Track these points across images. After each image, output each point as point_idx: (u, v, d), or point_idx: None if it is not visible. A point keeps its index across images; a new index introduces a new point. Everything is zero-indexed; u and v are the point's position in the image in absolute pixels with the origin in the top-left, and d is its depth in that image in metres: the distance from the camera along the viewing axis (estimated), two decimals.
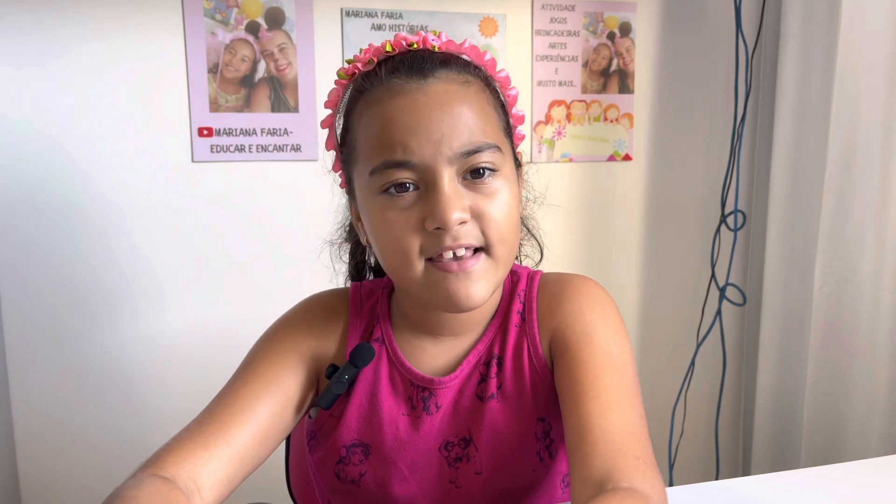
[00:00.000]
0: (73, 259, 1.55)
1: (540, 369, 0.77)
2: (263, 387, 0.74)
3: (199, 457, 0.67)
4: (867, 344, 1.74)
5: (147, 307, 1.61)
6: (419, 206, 0.67)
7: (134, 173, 1.57)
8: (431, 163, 0.66)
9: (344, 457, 0.78)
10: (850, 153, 1.70)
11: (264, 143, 1.64)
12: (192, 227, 1.62)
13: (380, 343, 0.79)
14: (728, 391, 2.07)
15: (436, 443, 0.77)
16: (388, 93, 0.68)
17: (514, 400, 0.77)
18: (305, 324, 0.80)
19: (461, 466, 0.77)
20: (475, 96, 0.69)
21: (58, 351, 1.57)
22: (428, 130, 0.66)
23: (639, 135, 1.95)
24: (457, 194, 0.67)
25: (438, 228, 0.66)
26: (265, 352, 0.77)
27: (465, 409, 0.77)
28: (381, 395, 0.78)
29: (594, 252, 1.96)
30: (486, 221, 0.68)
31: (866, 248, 1.72)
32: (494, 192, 0.68)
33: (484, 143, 0.68)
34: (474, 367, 0.78)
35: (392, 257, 0.70)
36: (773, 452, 1.95)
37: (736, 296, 1.97)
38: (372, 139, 0.68)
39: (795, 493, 0.77)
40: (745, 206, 2.01)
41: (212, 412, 0.72)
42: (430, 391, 0.77)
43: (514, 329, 0.78)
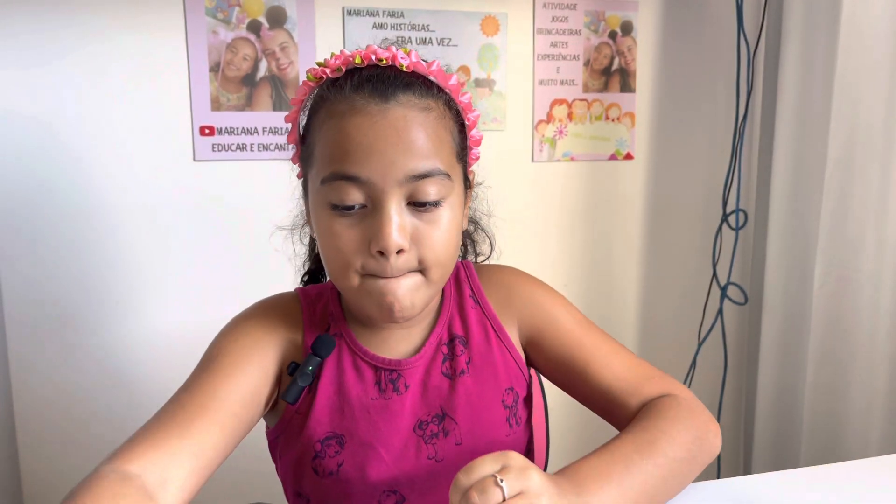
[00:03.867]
0: (74, 257, 1.55)
1: (507, 346, 0.86)
2: (229, 380, 0.75)
3: (166, 451, 0.68)
4: (867, 343, 1.74)
5: (149, 306, 1.61)
6: (365, 226, 0.71)
7: (135, 172, 1.57)
8: (381, 183, 0.69)
9: (319, 451, 0.79)
10: (851, 153, 1.70)
11: (266, 142, 1.64)
12: (194, 226, 1.62)
13: (338, 337, 0.82)
14: (729, 390, 2.07)
15: (409, 422, 0.80)
16: (350, 109, 0.70)
17: (484, 373, 0.84)
18: (266, 321, 0.81)
19: (438, 442, 0.81)
20: (432, 123, 0.72)
21: (60, 348, 1.57)
22: (381, 152, 0.69)
23: (640, 134, 1.95)
24: (401, 218, 0.71)
25: (380, 252, 0.70)
26: (228, 346, 0.78)
27: (435, 388, 0.82)
28: (347, 385, 0.80)
29: (595, 251, 1.96)
30: (425, 247, 0.72)
31: (867, 247, 1.72)
32: (437, 220, 0.73)
33: (433, 170, 0.71)
34: (436, 348, 0.83)
35: (333, 266, 0.74)
36: (773, 451, 1.95)
37: (737, 295, 1.97)
38: (328, 149, 0.71)
39: (796, 492, 0.77)
40: (746, 205, 2.01)
41: (179, 404, 0.73)
42: (397, 372, 0.81)
43: (472, 311, 0.86)
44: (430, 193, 0.71)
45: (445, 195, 0.73)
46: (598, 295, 1.98)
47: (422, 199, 0.71)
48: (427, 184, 0.71)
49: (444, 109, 0.75)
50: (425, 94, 0.73)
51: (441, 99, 0.75)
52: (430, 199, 0.71)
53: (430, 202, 0.72)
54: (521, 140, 1.84)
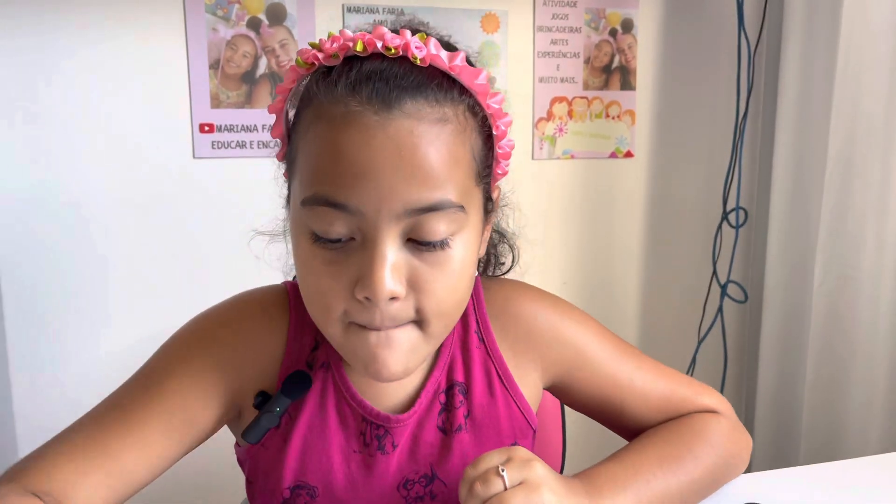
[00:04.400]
0: (74, 255, 1.55)
1: (514, 395, 0.73)
2: (163, 408, 0.64)
3: (69, 478, 0.61)
4: (867, 341, 1.74)
5: (148, 304, 1.61)
6: (351, 263, 0.57)
7: (135, 169, 1.57)
8: (373, 216, 0.55)
9: (287, 499, 0.69)
10: (851, 151, 1.70)
11: (266, 140, 1.64)
12: (193, 224, 1.62)
13: (325, 369, 0.69)
14: (729, 388, 2.07)
15: (393, 482, 0.70)
16: (342, 116, 0.55)
17: (484, 430, 0.72)
18: (231, 336, 0.68)
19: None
20: (447, 139, 0.56)
21: (60, 347, 1.57)
22: (377, 177, 0.54)
23: (640, 132, 1.94)
24: (397, 260, 0.56)
25: (368, 298, 0.56)
26: (174, 365, 0.67)
27: (427, 444, 0.70)
28: (329, 432, 0.69)
29: (595, 249, 1.96)
30: (424, 295, 0.58)
31: (867, 245, 1.71)
32: (443, 263, 0.58)
33: (442, 202, 0.56)
34: (433, 397, 0.71)
35: (312, 307, 0.61)
36: (773, 449, 1.95)
37: (737, 293, 1.96)
38: (312, 164, 0.57)
39: (795, 491, 0.77)
40: (746, 203, 2.01)
41: (99, 425, 0.64)
42: (385, 429, 0.69)
43: (476, 352, 0.72)
44: (438, 231, 0.56)
45: (456, 231, 0.58)
46: (597, 293, 1.98)
47: (425, 239, 0.56)
48: (433, 219, 0.56)
49: (464, 118, 0.58)
50: (441, 100, 0.56)
51: (462, 104, 0.58)
52: (436, 239, 0.57)
53: (436, 242, 0.57)
54: (521, 138, 1.84)
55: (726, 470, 0.75)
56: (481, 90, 0.59)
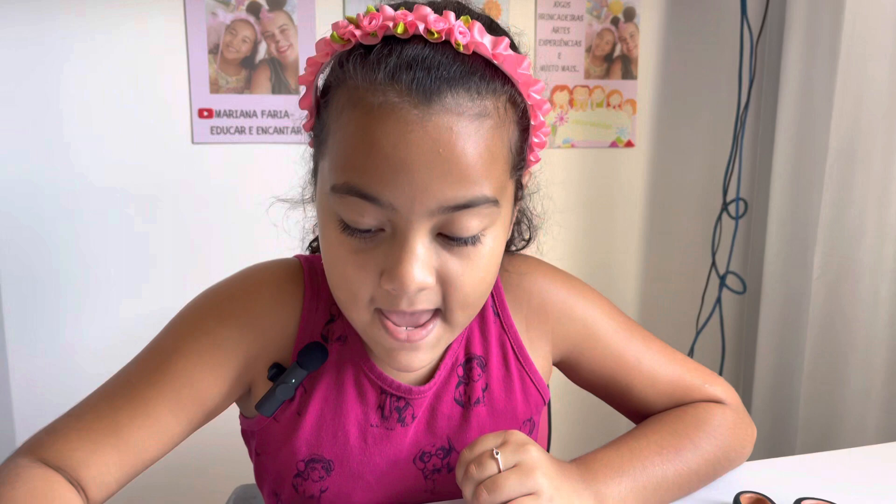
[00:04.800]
0: (71, 240, 1.55)
1: (528, 369, 0.74)
2: (172, 387, 0.64)
3: (83, 456, 0.61)
4: (865, 333, 1.74)
5: (146, 289, 1.61)
6: (380, 254, 0.56)
7: (133, 154, 1.56)
8: (406, 211, 0.54)
9: (302, 471, 0.69)
10: (853, 142, 1.69)
11: (264, 126, 1.63)
12: (192, 209, 1.61)
13: (342, 343, 0.69)
14: (726, 379, 2.06)
15: (410, 454, 0.71)
16: (380, 108, 0.53)
17: (502, 402, 0.73)
18: (243, 311, 0.67)
19: (439, 478, 0.72)
20: (486, 135, 0.54)
21: (57, 333, 1.57)
22: (413, 173, 0.52)
23: (641, 121, 1.94)
24: (427, 253, 0.55)
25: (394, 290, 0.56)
26: (184, 341, 0.66)
27: (444, 417, 0.71)
28: (346, 406, 0.68)
29: (595, 239, 1.96)
30: (452, 288, 0.57)
31: (866, 237, 1.71)
32: (473, 257, 0.57)
33: (478, 199, 0.55)
34: (451, 370, 0.71)
35: (339, 292, 0.60)
36: (769, 440, 1.96)
37: (736, 284, 1.96)
38: (344, 150, 0.55)
39: (791, 479, 0.77)
40: (746, 194, 2.00)
41: (109, 402, 0.64)
42: (406, 401, 0.69)
43: (492, 326, 0.73)
44: (470, 227, 0.55)
45: (489, 225, 0.57)
46: (596, 282, 1.96)
47: (458, 235, 0.56)
48: (467, 215, 0.55)
49: (504, 111, 0.56)
50: (483, 93, 0.54)
51: (504, 95, 0.56)
52: (469, 234, 0.56)
53: (468, 238, 0.56)
54: None
55: (726, 461, 0.75)
56: (524, 80, 0.57)
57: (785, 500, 0.71)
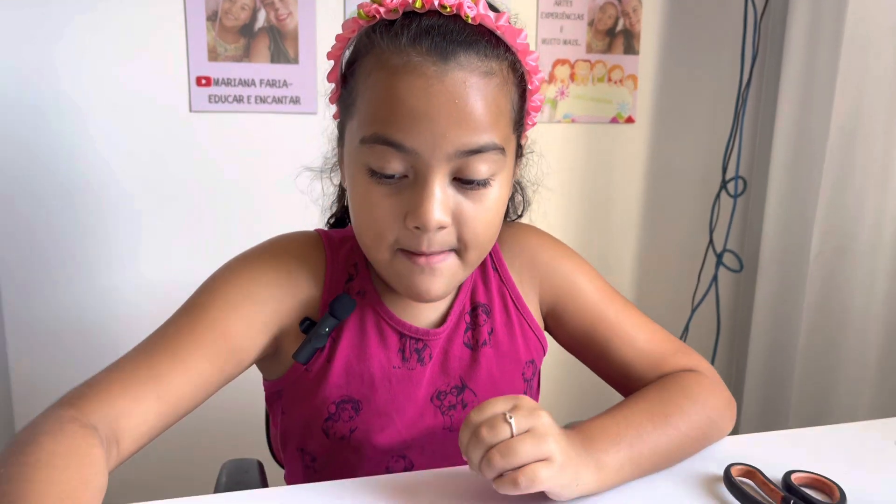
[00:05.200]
0: (67, 206, 1.55)
1: (525, 316, 0.82)
2: (208, 335, 0.69)
3: (125, 405, 0.64)
4: (860, 313, 1.75)
5: (142, 256, 1.61)
6: (404, 197, 0.65)
7: (131, 122, 1.55)
8: (427, 156, 0.63)
9: (333, 413, 0.75)
10: (855, 122, 1.69)
11: (263, 95, 1.62)
12: (189, 177, 1.61)
13: (361, 297, 0.76)
14: (720, 356, 2.09)
15: (427, 392, 0.78)
16: (404, 66, 0.62)
17: (506, 345, 0.81)
18: (270, 270, 0.74)
19: (455, 413, 0.79)
20: (493, 91, 0.64)
21: (52, 298, 1.57)
22: (433, 121, 0.62)
23: (643, 97, 1.93)
24: (444, 195, 0.65)
25: (417, 227, 0.65)
26: (218, 293, 0.72)
27: (456, 359, 0.79)
28: (370, 351, 0.76)
29: (593, 214, 1.96)
30: (466, 227, 0.67)
31: (865, 217, 1.71)
32: (484, 199, 0.67)
33: (488, 145, 0.64)
34: (459, 316, 0.80)
35: (365, 235, 0.69)
36: (763, 417, 1.98)
37: (733, 262, 1.97)
38: (373, 106, 0.64)
39: (782, 453, 0.78)
40: (746, 172, 2.00)
41: (147, 353, 0.68)
42: (423, 342, 0.77)
43: (493, 280, 0.82)
44: (481, 171, 0.64)
45: (496, 172, 0.66)
46: (594, 257, 1.96)
47: (471, 177, 0.65)
48: (478, 160, 0.64)
49: (507, 73, 0.66)
50: (489, 56, 0.64)
51: (506, 61, 0.66)
52: (480, 178, 0.65)
53: (479, 181, 0.65)
54: None
55: (713, 428, 0.77)
56: (522, 49, 0.67)
57: (775, 473, 0.72)
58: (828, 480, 0.70)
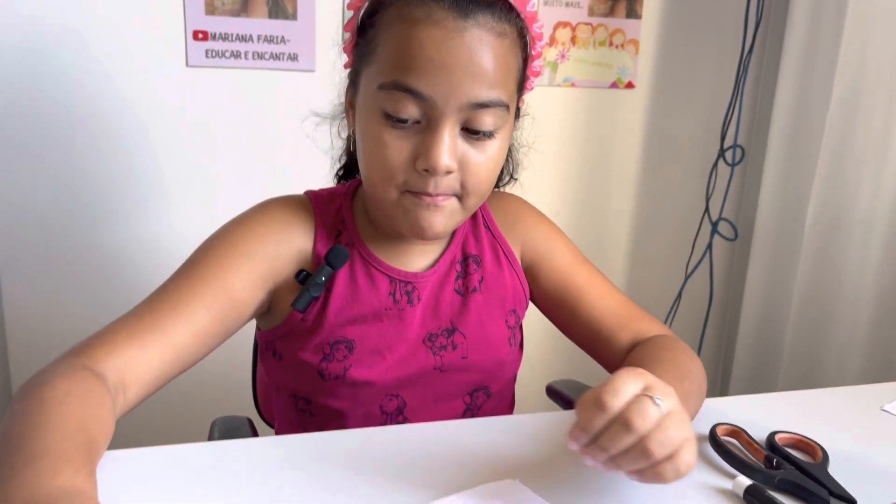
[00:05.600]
0: (63, 162, 1.53)
1: (516, 269, 0.89)
2: (208, 287, 0.74)
3: (131, 353, 0.68)
4: (854, 283, 1.76)
5: (138, 211, 1.61)
6: (415, 142, 0.70)
7: (126, 76, 1.53)
8: (442, 104, 0.68)
9: (328, 354, 0.79)
10: (856, 93, 1.68)
11: (261, 51, 1.60)
12: (185, 132, 1.60)
13: (351, 247, 0.82)
14: (712, 324, 2.10)
15: (419, 333, 0.82)
16: (427, 18, 0.67)
17: (493, 292, 0.86)
18: (264, 228, 0.79)
19: (446, 354, 0.83)
20: (504, 50, 0.70)
21: (48, 253, 1.57)
22: (450, 72, 0.67)
23: (644, 62, 1.91)
24: (453, 143, 0.70)
25: (426, 170, 0.70)
26: (215, 251, 0.77)
27: (446, 303, 0.84)
28: (362, 295, 0.80)
29: (590, 179, 1.95)
30: (468, 174, 0.72)
31: (863, 189, 1.71)
32: (487, 150, 0.72)
33: (496, 100, 0.70)
34: (450, 265, 0.85)
35: (374, 174, 0.74)
36: (752, 382, 2.00)
37: (728, 231, 1.97)
38: (394, 55, 0.69)
39: (768, 414, 0.79)
40: (744, 141, 1.99)
41: (150, 307, 0.72)
42: (412, 284, 0.83)
43: (484, 236, 0.88)
44: (487, 124, 0.70)
45: (500, 126, 0.72)
46: (590, 224, 1.98)
47: (477, 128, 0.70)
48: (486, 114, 0.70)
49: (516, 38, 0.72)
50: (502, 19, 0.70)
51: (516, 26, 0.72)
52: (486, 130, 0.71)
53: (485, 132, 0.71)
54: None
55: (705, 386, 0.80)
56: (530, 16, 0.74)
57: (760, 434, 0.73)
58: (811, 441, 0.72)
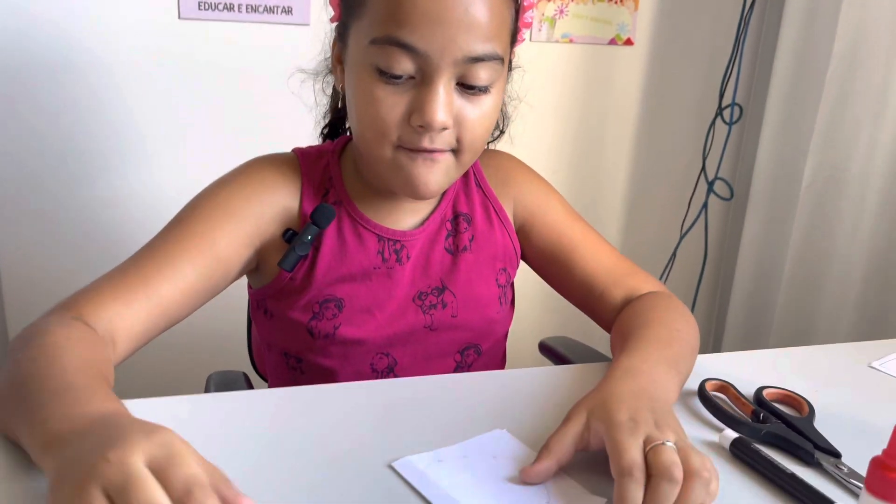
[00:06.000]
0: (56, 115, 1.52)
1: (507, 228, 0.88)
2: (194, 245, 0.73)
3: (118, 309, 0.67)
4: (847, 242, 1.77)
5: (131, 165, 1.60)
6: (410, 97, 0.68)
7: (118, 28, 1.51)
8: (437, 58, 0.66)
9: (317, 312, 0.79)
10: (856, 50, 1.67)
11: (254, 4, 1.57)
12: (178, 86, 1.58)
13: (338, 206, 0.80)
14: (706, 283, 2.11)
15: (409, 292, 0.82)
16: None
17: (484, 251, 0.86)
18: (250, 187, 0.78)
19: (436, 313, 0.83)
20: (497, 4, 0.68)
21: (41, 205, 1.56)
22: (446, 24, 0.65)
23: (643, 18, 1.88)
24: (449, 98, 0.68)
25: (421, 126, 0.68)
26: (202, 209, 0.76)
27: (436, 262, 0.83)
28: (350, 254, 0.80)
29: (588, 137, 1.95)
30: (464, 129, 0.71)
31: (859, 148, 1.71)
32: (482, 104, 0.71)
33: (491, 53, 0.68)
34: (440, 223, 0.84)
35: (367, 132, 0.71)
36: (744, 341, 2.02)
37: (724, 190, 1.97)
38: (385, 8, 0.66)
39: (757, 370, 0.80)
40: (742, 100, 1.98)
41: (137, 263, 0.72)
42: (401, 243, 0.82)
43: (475, 194, 0.87)
44: (483, 78, 0.68)
45: (495, 80, 0.70)
46: (587, 181, 1.98)
47: (473, 83, 0.68)
48: (481, 68, 0.68)
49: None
50: None
51: None
52: (481, 84, 0.69)
53: (480, 87, 0.69)
54: None
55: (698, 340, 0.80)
56: None
57: (749, 389, 0.74)
58: (798, 396, 0.73)
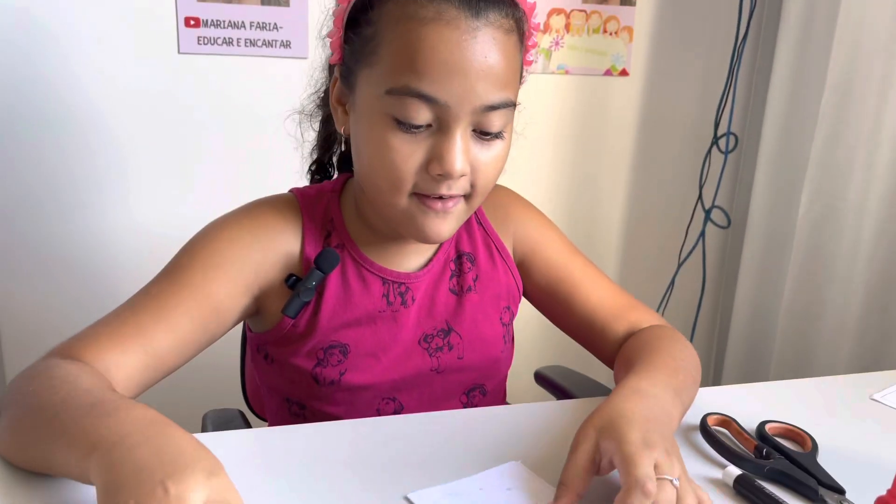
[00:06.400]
0: (52, 148, 1.52)
1: (509, 264, 0.88)
2: (191, 296, 0.71)
3: (115, 357, 0.66)
4: (845, 270, 1.77)
5: (129, 198, 1.60)
6: (427, 146, 0.67)
7: (118, 63, 1.52)
8: (456, 108, 0.65)
9: (322, 359, 0.78)
10: (850, 80, 1.68)
11: (253, 38, 1.59)
12: (177, 120, 1.59)
13: (341, 249, 0.79)
14: (704, 312, 2.11)
15: (414, 335, 0.81)
16: (437, 18, 0.63)
17: (488, 290, 0.85)
18: (251, 234, 0.76)
19: (442, 355, 0.82)
20: (511, 49, 0.67)
21: (36, 237, 1.56)
22: (465, 75, 0.64)
23: (637, 49, 1.90)
24: (466, 145, 0.68)
25: (440, 175, 0.67)
26: (200, 256, 0.74)
27: (441, 304, 0.83)
28: (354, 298, 0.79)
29: (584, 167, 1.95)
30: (479, 175, 0.70)
31: (855, 176, 1.72)
32: (495, 149, 0.70)
33: (506, 101, 0.67)
34: (444, 264, 0.84)
35: (382, 180, 0.70)
36: (744, 370, 2.01)
37: (721, 218, 1.98)
38: (402, 57, 0.65)
39: (758, 403, 0.80)
40: (738, 128, 1.99)
41: (134, 310, 0.70)
42: (405, 285, 0.81)
43: (477, 232, 0.86)
44: (497, 125, 0.68)
45: (507, 124, 0.70)
46: (583, 211, 1.98)
47: (488, 130, 0.68)
48: (496, 115, 0.68)
49: (518, 32, 0.69)
50: (508, 14, 0.67)
51: (518, 20, 0.69)
52: (495, 131, 0.69)
53: (495, 133, 0.69)
54: None
55: (699, 374, 0.80)
56: (529, 9, 0.71)
57: (751, 423, 0.74)
58: (801, 431, 0.72)
